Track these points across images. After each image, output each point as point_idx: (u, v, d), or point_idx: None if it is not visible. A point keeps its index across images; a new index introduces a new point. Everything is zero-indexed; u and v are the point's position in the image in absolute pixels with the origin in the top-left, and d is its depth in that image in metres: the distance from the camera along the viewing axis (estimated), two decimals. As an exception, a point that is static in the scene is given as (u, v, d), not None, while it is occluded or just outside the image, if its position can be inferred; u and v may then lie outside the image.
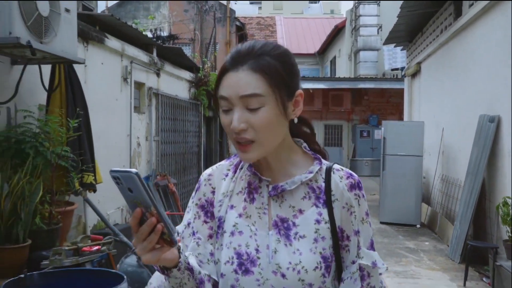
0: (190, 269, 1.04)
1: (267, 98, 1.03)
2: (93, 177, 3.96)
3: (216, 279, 1.11)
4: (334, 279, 1.12)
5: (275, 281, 1.07)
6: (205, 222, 1.15)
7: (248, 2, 51.70)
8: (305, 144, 1.18)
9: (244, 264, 1.08)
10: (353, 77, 17.84)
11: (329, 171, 1.13)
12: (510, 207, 4.42)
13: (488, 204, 5.44)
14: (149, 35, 9.81)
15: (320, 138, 17.59)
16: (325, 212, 1.10)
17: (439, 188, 7.77)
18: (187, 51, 14.35)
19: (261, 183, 1.14)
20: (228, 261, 1.09)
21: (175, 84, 7.76)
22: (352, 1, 20.75)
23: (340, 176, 1.13)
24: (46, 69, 3.81)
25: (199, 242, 1.13)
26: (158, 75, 6.86)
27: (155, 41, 6.83)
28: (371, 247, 1.14)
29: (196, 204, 1.17)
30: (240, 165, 1.18)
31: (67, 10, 3.44)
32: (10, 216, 3.04)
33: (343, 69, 20.27)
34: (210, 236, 1.14)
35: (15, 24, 2.87)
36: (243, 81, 1.03)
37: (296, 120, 1.13)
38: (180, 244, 1.01)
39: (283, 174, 1.13)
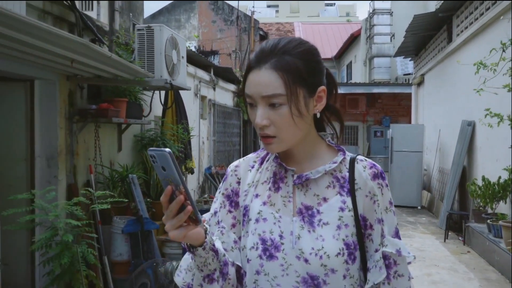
0: (215, 250, 1.07)
1: (288, 97, 1.05)
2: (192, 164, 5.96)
3: (240, 265, 1.16)
4: (360, 269, 1.13)
5: (299, 266, 1.09)
6: (229, 211, 1.20)
7: (265, 5, 53.07)
8: (329, 138, 1.21)
9: (269, 249, 1.11)
10: (367, 82, 19.55)
11: (353, 161, 1.16)
12: (476, 186, 6.28)
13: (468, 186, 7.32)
14: (193, 48, 11.83)
15: (337, 138, 19.42)
16: (348, 200, 1.12)
17: (437, 178, 9.62)
18: (216, 60, 15.95)
19: (286, 173, 1.17)
20: (253, 247, 1.13)
21: (225, 95, 9.78)
22: (368, 2, 22.12)
23: (364, 166, 1.15)
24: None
25: (223, 231, 1.18)
26: (214, 89, 8.87)
27: (213, 63, 8.83)
28: (396, 235, 1.15)
29: (223, 194, 1.22)
30: (267, 158, 1.22)
31: (183, 57, 5.42)
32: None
33: (359, 74, 21.94)
34: (233, 225, 1.19)
35: (163, 71, 4.85)
36: (264, 81, 1.06)
37: (318, 115, 1.15)
38: (206, 225, 1.05)
39: (307, 165, 1.16)
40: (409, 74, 19.07)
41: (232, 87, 10.38)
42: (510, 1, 5.77)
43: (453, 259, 5.76)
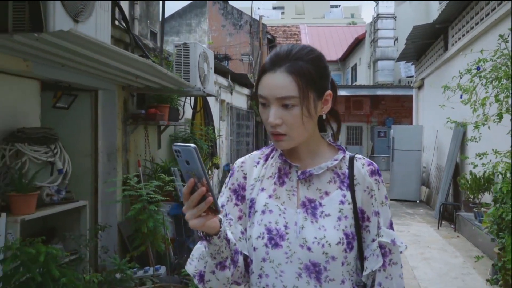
0: (228, 239, 1.15)
1: (300, 99, 1.15)
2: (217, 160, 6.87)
3: (247, 253, 1.25)
4: (357, 258, 1.23)
5: (302, 253, 1.18)
6: (236, 204, 1.29)
7: (271, 7, 53.63)
8: (330, 138, 1.32)
9: (274, 238, 1.20)
10: (371, 85, 20.32)
11: (352, 159, 1.27)
12: (465, 179, 7.15)
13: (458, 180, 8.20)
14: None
15: (342, 138, 20.26)
16: (348, 194, 1.23)
17: (434, 174, 10.49)
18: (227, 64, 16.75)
19: (291, 169, 1.27)
20: (259, 236, 1.21)
21: (240, 99, 10.70)
22: (372, 4, 22.75)
23: (362, 163, 1.27)
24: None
25: (231, 223, 1.27)
26: (231, 93, 9.78)
27: (230, 70, 9.75)
28: (390, 227, 1.26)
29: (229, 188, 1.31)
30: (271, 155, 1.33)
31: (211, 68, 6.32)
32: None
33: (363, 76, 22.72)
34: (240, 218, 1.28)
35: (197, 81, 5.75)
36: (279, 83, 1.14)
37: (324, 116, 1.28)
38: (221, 216, 1.13)
39: (310, 162, 1.26)
40: (412, 76, 19.89)
41: (246, 91, 11.30)
42: (497, 17, 6.63)
43: (444, 242, 6.65)
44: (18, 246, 2.62)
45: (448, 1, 8.62)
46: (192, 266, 1.22)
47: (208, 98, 8.00)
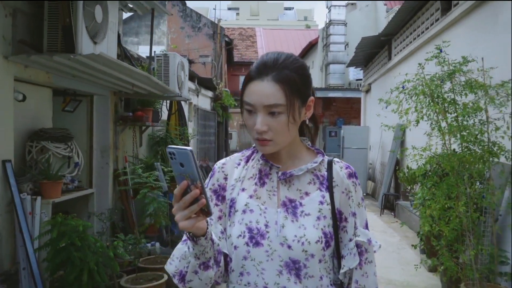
0: (212, 240, 1.18)
1: (287, 107, 1.18)
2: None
3: (227, 252, 1.28)
4: (333, 256, 1.28)
5: (282, 251, 1.21)
6: (216, 205, 1.31)
7: (226, 7, 54.08)
8: (309, 142, 1.37)
9: (255, 237, 1.23)
10: (324, 87, 21.60)
11: (330, 162, 1.32)
12: (403, 173, 8.34)
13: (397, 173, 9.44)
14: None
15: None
16: (327, 195, 1.27)
17: (379, 170, 11.76)
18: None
19: (271, 170, 1.30)
20: (240, 235, 1.24)
21: (205, 100, 11.56)
22: (325, 8, 23.79)
23: (340, 166, 1.32)
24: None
25: (211, 223, 1.28)
26: (197, 96, 10.62)
27: (197, 75, 10.59)
28: (366, 227, 1.31)
29: (210, 189, 1.33)
30: (252, 157, 1.37)
31: (186, 75, 7.16)
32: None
33: (316, 78, 23.77)
34: (220, 218, 1.31)
35: (175, 87, 6.58)
36: (267, 91, 1.17)
37: (307, 121, 1.33)
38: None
39: (291, 164, 1.31)
40: (361, 79, 21.29)
41: (211, 93, 12.16)
42: (431, 35, 7.84)
43: (385, 226, 7.82)
44: (61, 220, 3.42)
45: (393, 15, 9.85)
46: (172, 266, 1.24)
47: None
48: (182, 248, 1.23)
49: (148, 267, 4.24)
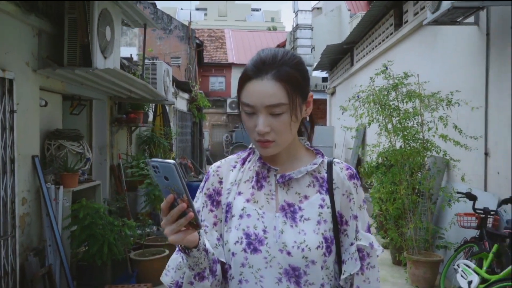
0: (206, 250, 1.13)
1: (290, 105, 1.13)
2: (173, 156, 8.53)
3: (224, 260, 1.22)
4: (335, 262, 1.23)
5: (281, 258, 1.16)
6: (211, 210, 1.26)
7: (194, 8, 54.34)
8: (307, 142, 1.31)
9: (253, 243, 1.18)
10: (292, 89, 22.60)
11: (330, 163, 1.26)
12: (364, 168, 9.39)
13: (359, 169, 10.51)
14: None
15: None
16: (327, 198, 1.22)
17: (343, 166, 12.82)
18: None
19: (269, 173, 1.25)
20: (237, 241, 1.19)
21: (182, 102, 12.36)
22: (292, 9, 24.64)
23: (341, 167, 1.26)
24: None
25: (207, 230, 1.24)
26: (176, 98, 11.42)
27: (176, 78, 11.39)
28: (368, 230, 1.25)
29: (205, 194, 1.28)
30: (249, 159, 1.31)
31: (170, 81, 7.97)
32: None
33: (284, 80, 25.01)
34: (215, 224, 1.26)
35: (162, 91, 7.39)
36: (268, 91, 1.12)
37: (308, 119, 1.27)
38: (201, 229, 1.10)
39: (289, 166, 1.25)
40: (326, 80, 22.33)
41: (187, 95, 12.98)
42: (386, 47, 8.90)
43: (347, 214, 8.82)
44: (86, 203, 4.23)
45: (356, 20, 10.91)
46: (168, 277, 1.20)
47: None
48: (177, 258, 1.19)
49: (152, 244, 5.09)
